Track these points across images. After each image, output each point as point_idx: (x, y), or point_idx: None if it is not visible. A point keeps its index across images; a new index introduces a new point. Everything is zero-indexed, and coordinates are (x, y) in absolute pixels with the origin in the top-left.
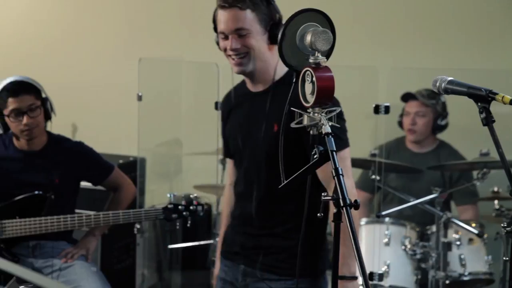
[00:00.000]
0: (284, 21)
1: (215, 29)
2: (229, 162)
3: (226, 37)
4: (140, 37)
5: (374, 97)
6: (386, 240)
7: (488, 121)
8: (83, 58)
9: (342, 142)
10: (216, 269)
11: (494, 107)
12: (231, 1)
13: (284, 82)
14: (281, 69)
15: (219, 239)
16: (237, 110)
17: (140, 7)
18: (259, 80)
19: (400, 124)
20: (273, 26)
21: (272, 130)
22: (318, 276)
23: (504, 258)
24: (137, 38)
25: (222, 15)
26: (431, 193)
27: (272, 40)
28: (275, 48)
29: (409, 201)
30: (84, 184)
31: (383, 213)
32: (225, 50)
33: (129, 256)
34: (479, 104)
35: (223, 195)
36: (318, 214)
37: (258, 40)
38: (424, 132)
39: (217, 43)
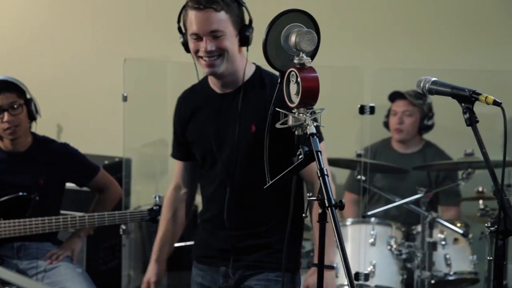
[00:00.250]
0: (252, 23)
1: (180, 30)
2: (178, 164)
3: (198, 39)
4: (125, 37)
5: (359, 98)
6: (372, 240)
7: (471, 121)
8: (68, 59)
9: (319, 135)
10: (150, 273)
11: (479, 107)
12: (205, 2)
13: (253, 83)
14: (249, 70)
15: (156, 244)
16: (203, 111)
17: (125, 8)
18: (228, 81)
19: (386, 124)
20: (243, 28)
21: (250, 130)
22: (296, 271)
23: (488, 258)
24: (122, 39)
25: (196, 16)
26: (416, 193)
27: (242, 42)
28: (244, 49)
29: (394, 201)
30: (69, 185)
31: (369, 213)
32: (196, 51)
33: (114, 257)
34: (462, 104)
35: (166, 197)
36: (303, 215)
37: (231, 42)
38: (411, 132)
39: (184, 44)
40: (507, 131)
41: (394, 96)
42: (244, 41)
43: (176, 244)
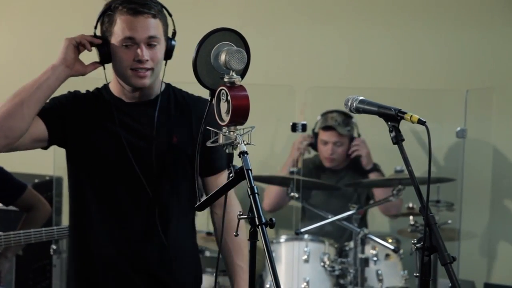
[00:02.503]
0: (175, 36)
1: (96, 36)
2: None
3: (132, 45)
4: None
5: (291, 116)
6: (305, 257)
7: (397, 139)
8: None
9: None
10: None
11: (412, 125)
12: (141, 7)
13: (168, 95)
14: (163, 83)
15: None
16: (102, 119)
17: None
18: (146, 92)
19: (314, 146)
20: (168, 40)
21: (171, 141)
22: None
23: (415, 274)
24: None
25: (132, 21)
26: (348, 210)
27: (166, 54)
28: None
29: (327, 218)
30: None
31: (302, 230)
32: (129, 60)
33: (45, 278)
34: (389, 123)
35: None
36: (234, 233)
37: (162, 52)
38: (342, 158)
39: (103, 53)
40: (431, 148)
41: (325, 128)
42: (168, 53)
43: None
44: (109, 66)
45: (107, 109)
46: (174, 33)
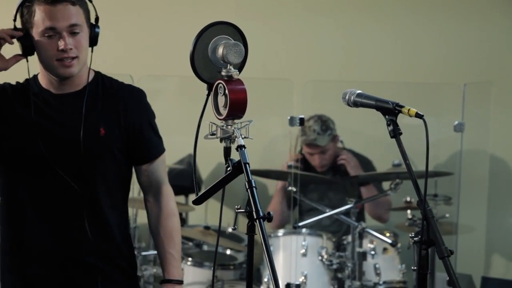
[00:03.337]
0: (98, 21)
1: (17, 28)
2: None
3: (54, 35)
4: None
5: (289, 110)
6: (303, 251)
7: (395, 133)
8: None
9: (159, 145)
10: None
11: (410, 119)
12: None
13: (97, 84)
14: (92, 71)
15: None
16: (27, 112)
17: None
18: (75, 82)
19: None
20: (91, 26)
21: (98, 134)
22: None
23: (412, 268)
24: None
25: (50, 10)
26: (346, 203)
27: (91, 41)
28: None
29: (325, 212)
30: None
31: (300, 224)
32: (52, 50)
33: None
34: (386, 116)
35: None
36: (232, 227)
37: (86, 40)
38: (332, 158)
39: (25, 46)
40: (429, 142)
41: (307, 145)
42: (93, 40)
43: None
44: (34, 58)
45: (34, 101)
46: (97, 19)
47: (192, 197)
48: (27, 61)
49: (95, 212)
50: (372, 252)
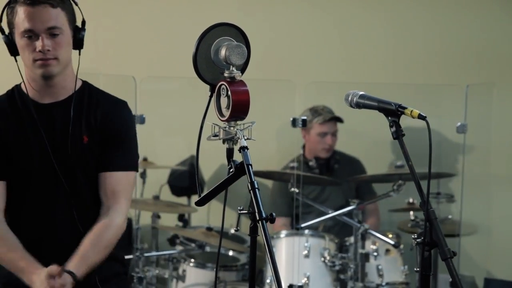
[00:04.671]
0: (85, 24)
1: (2, 30)
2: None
3: (33, 37)
4: None
5: (291, 111)
6: (305, 252)
7: (398, 134)
8: None
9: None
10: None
11: (412, 121)
12: None
13: (83, 94)
14: (79, 80)
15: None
16: (18, 123)
17: None
18: (59, 88)
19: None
20: (76, 29)
21: (82, 142)
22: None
23: (415, 269)
24: None
25: (29, 12)
26: (349, 205)
27: (75, 44)
28: (76, 53)
29: (328, 213)
30: None
31: (302, 225)
32: (30, 51)
33: None
34: (389, 118)
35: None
36: (235, 228)
37: (68, 42)
38: (335, 144)
39: (9, 46)
40: (431, 144)
41: (329, 119)
42: (78, 43)
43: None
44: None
45: (22, 112)
46: (83, 22)
47: (195, 198)
48: (16, 61)
49: (83, 208)
50: (375, 253)
